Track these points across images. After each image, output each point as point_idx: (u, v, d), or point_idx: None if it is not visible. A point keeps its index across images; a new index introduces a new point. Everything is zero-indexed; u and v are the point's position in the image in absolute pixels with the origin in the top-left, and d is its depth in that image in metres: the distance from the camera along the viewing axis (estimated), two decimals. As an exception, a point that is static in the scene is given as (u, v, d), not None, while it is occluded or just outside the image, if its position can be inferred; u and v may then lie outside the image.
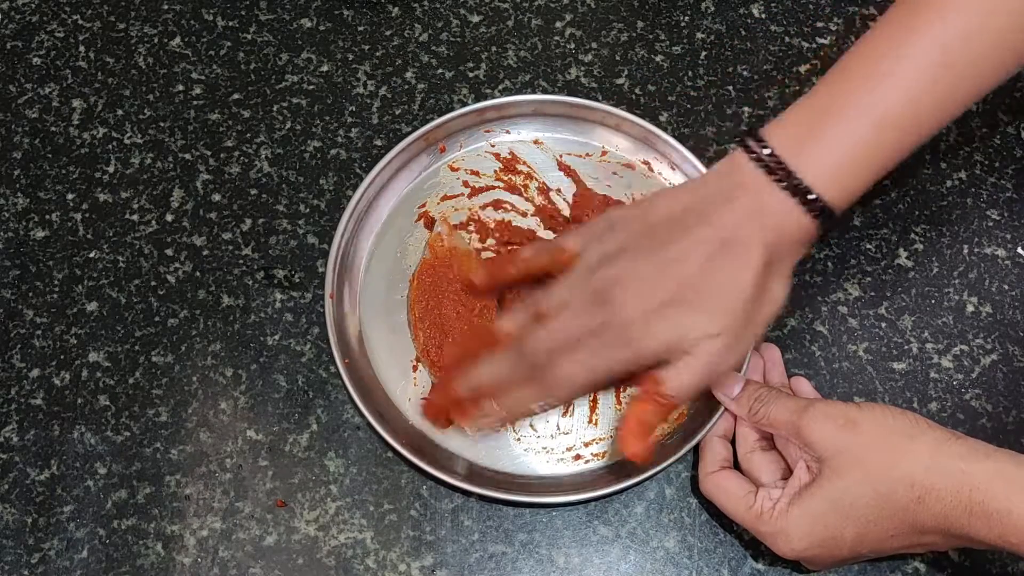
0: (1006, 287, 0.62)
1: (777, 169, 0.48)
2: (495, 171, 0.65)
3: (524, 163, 0.65)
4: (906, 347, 0.60)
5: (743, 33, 0.70)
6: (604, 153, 0.65)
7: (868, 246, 0.63)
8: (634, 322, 0.49)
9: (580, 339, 0.50)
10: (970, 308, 0.61)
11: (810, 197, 0.48)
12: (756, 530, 0.50)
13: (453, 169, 0.65)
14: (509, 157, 0.65)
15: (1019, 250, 0.63)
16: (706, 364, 0.49)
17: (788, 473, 0.51)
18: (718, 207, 0.50)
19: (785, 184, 0.48)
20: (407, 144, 0.62)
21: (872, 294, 0.62)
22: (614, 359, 0.50)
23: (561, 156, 0.65)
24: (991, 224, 0.64)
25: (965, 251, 0.63)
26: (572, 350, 0.50)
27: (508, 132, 0.65)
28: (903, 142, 0.49)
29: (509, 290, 0.59)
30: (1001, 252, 0.63)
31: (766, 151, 0.49)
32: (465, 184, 0.64)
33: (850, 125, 0.48)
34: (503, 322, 0.54)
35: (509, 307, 0.58)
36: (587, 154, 0.65)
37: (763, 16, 0.71)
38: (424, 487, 0.57)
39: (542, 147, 0.65)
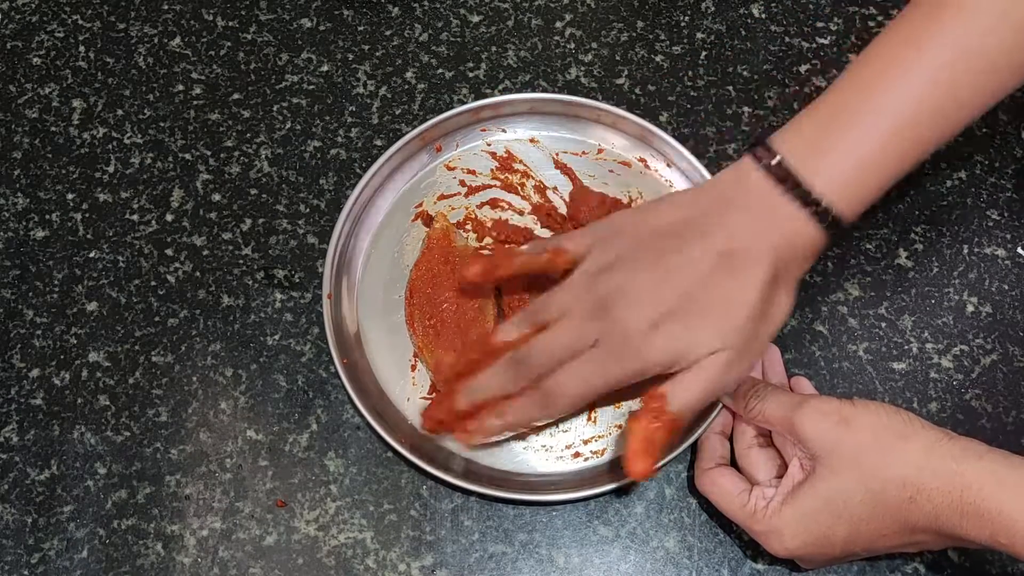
0: (1006, 287, 0.62)
1: (786, 178, 0.48)
2: (491, 170, 0.65)
3: (520, 162, 0.65)
4: (906, 347, 0.60)
5: (743, 33, 0.70)
6: (600, 151, 0.65)
7: (868, 246, 0.63)
8: (635, 335, 0.48)
9: (581, 351, 0.49)
10: (970, 308, 0.61)
11: (820, 207, 0.47)
12: (750, 528, 0.50)
13: (450, 168, 0.65)
14: (505, 156, 0.65)
15: (1019, 250, 0.63)
16: (710, 380, 0.49)
17: (784, 470, 0.51)
18: (724, 216, 0.49)
19: (794, 194, 0.48)
20: (404, 143, 0.62)
21: (872, 294, 0.62)
22: (615, 372, 0.49)
23: (557, 154, 0.65)
24: (991, 224, 0.64)
25: (965, 251, 0.63)
26: (573, 362, 0.50)
27: (504, 131, 0.65)
28: (916, 149, 0.49)
29: (508, 293, 0.59)
30: (1001, 252, 0.63)
31: (775, 160, 0.48)
32: (462, 183, 0.64)
33: (862, 133, 0.48)
34: (503, 332, 0.53)
35: (508, 313, 0.58)
36: (583, 152, 0.65)
37: (763, 16, 0.71)
38: (424, 487, 0.57)
39: (538, 145, 0.65)
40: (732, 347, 0.48)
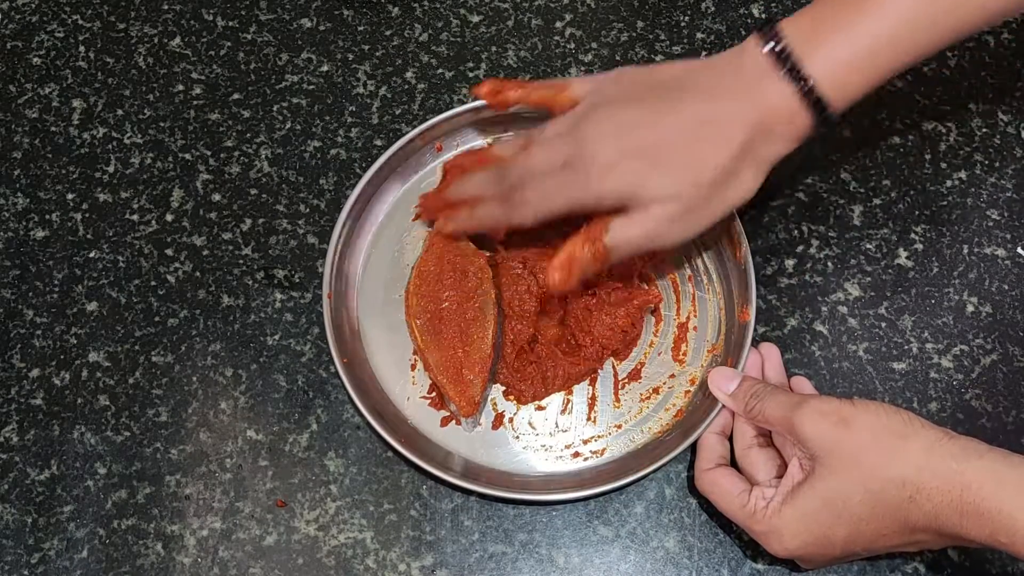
0: (1006, 287, 0.62)
1: (784, 57, 0.49)
2: (493, 170, 0.65)
3: None
4: (906, 347, 0.60)
5: (743, 33, 0.70)
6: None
7: (868, 246, 0.63)
8: (599, 163, 0.51)
9: (550, 169, 0.52)
10: (970, 308, 0.61)
11: (809, 87, 0.49)
12: (749, 528, 0.50)
13: (449, 168, 0.65)
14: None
15: (1019, 250, 0.63)
16: (652, 226, 0.51)
17: (784, 471, 0.51)
18: (717, 81, 0.51)
19: (789, 73, 0.49)
20: (404, 143, 0.62)
21: (872, 294, 0.62)
22: (572, 194, 0.52)
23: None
24: (991, 224, 0.64)
25: (965, 251, 0.63)
26: (540, 178, 0.53)
27: (506, 130, 0.65)
28: (915, 47, 0.50)
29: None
30: (1001, 252, 0.63)
31: (777, 38, 0.50)
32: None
33: (865, 24, 0.49)
34: (500, 147, 0.58)
35: (509, 312, 0.58)
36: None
37: (763, 16, 0.71)
38: (424, 487, 0.57)
39: (540, 146, 0.65)
40: (684, 201, 0.50)
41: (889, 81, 0.51)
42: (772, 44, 0.50)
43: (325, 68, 0.69)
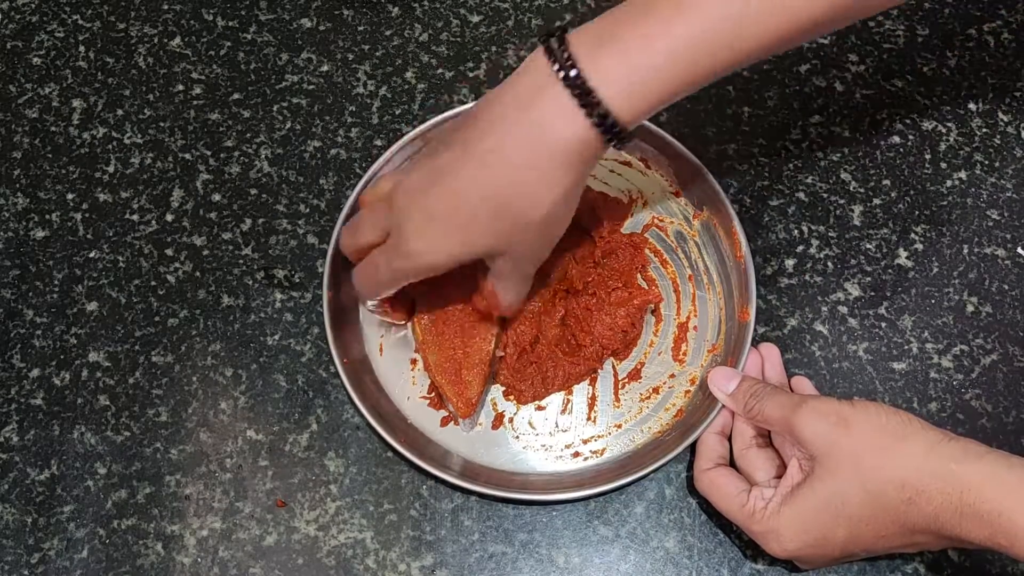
0: (1006, 287, 0.62)
1: (569, 71, 0.46)
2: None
3: None
4: (906, 347, 0.60)
5: (743, 33, 0.70)
6: (601, 151, 0.65)
7: (868, 246, 0.63)
8: (411, 236, 0.50)
9: (378, 243, 0.52)
10: (970, 308, 0.61)
11: (596, 106, 0.45)
12: (748, 529, 0.50)
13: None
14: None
15: (1019, 250, 0.63)
16: (512, 280, 0.53)
17: (783, 471, 0.51)
18: (499, 112, 0.48)
19: (574, 89, 0.45)
20: (404, 143, 0.62)
21: (872, 294, 0.62)
22: (401, 269, 0.51)
23: (558, 155, 0.65)
24: (991, 224, 0.64)
25: (965, 251, 0.63)
26: (371, 256, 0.52)
27: None
28: (702, 68, 0.46)
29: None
30: (1001, 252, 0.63)
31: (565, 54, 0.46)
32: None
33: (655, 40, 0.45)
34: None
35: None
36: (585, 153, 0.65)
37: (763, 16, 0.71)
38: (424, 487, 0.57)
39: (541, 147, 0.65)
40: (506, 252, 0.50)
41: (684, 96, 0.47)
42: (557, 58, 0.46)
43: (325, 68, 0.69)
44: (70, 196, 0.65)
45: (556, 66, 0.46)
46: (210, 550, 0.55)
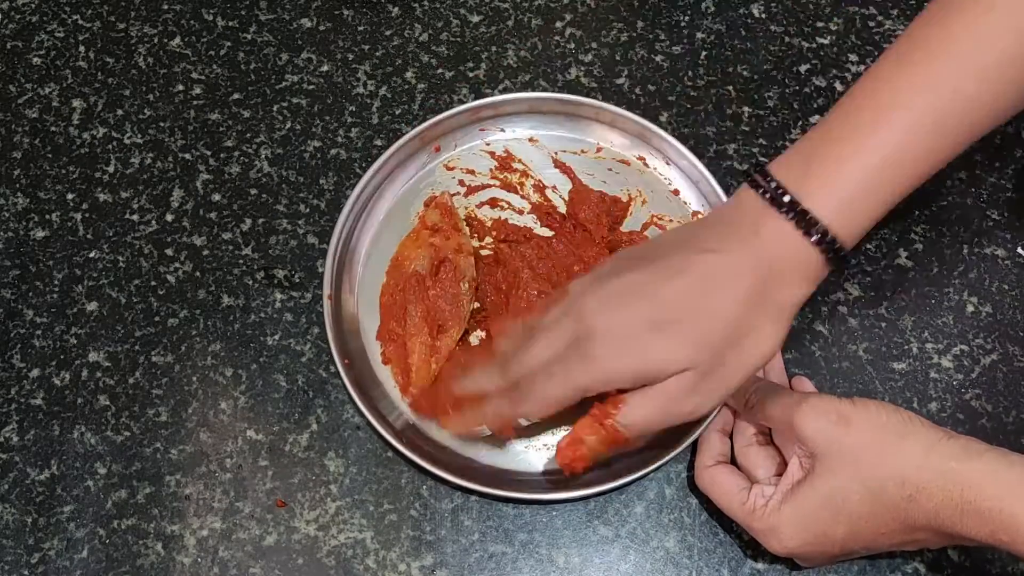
0: (1006, 287, 0.62)
1: (781, 197, 0.46)
2: (491, 169, 0.65)
3: (520, 161, 0.65)
4: (906, 347, 0.60)
5: (743, 33, 0.70)
6: (599, 149, 0.65)
7: (868, 246, 0.63)
8: (601, 342, 0.47)
9: (553, 356, 0.49)
10: (970, 308, 0.61)
11: (814, 226, 0.46)
12: (749, 526, 0.50)
13: (449, 168, 0.65)
14: (504, 155, 0.65)
15: (1019, 250, 0.63)
16: (664, 401, 0.47)
17: (784, 469, 0.51)
18: (715, 234, 0.48)
19: (789, 213, 0.46)
20: (403, 143, 0.62)
21: (872, 294, 0.62)
22: (580, 378, 0.48)
23: (556, 153, 0.65)
24: (991, 224, 0.64)
25: (965, 251, 0.63)
26: (543, 366, 0.49)
27: (503, 130, 0.65)
28: (915, 173, 0.47)
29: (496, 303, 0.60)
30: (1001, 252, 0.63)
31: (772, 183, 0.47)
32: (461, 183, 0.64)
33: (859, 155, 0.46)
34: (500, 342, 0.54)
35: (515, 288, 0.60)
36: (582, 151, 0.65)
37: (763, 16, 0.71)
38: (424, 487, 0.57)
39: (537, 145, 0.65)
40: (697, 367, 0.47)
41: (899, 204, 0.48)
42: (765, 188, 0.47)
43: (325, 68, 0.69)
44: (70, 196, 0.65)
45: (767, 196, 0.46)
46: (210, 550, 0.55)
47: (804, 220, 0.46)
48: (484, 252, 0.62)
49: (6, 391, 0.59)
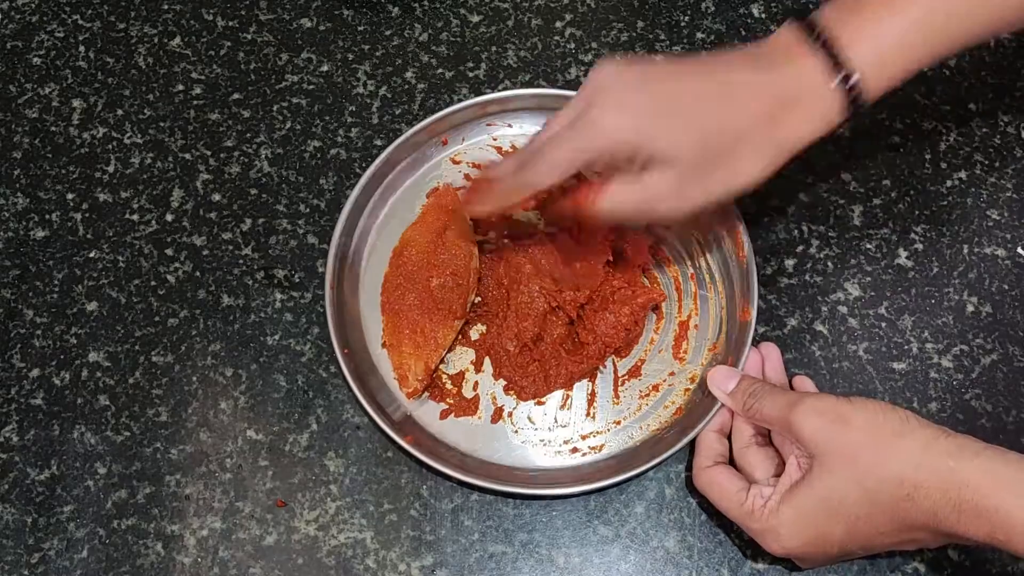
0: (1006, 287, 0.62)
1: (819, 35, 0.48)
2: (497, 164, 0.65)
3: None
4: (906, 347, 0.60)
5: (743, 33, 0.70)
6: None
7: (868, 246, 0.63)
8: (604, 108, 0.48)
9: (561, 128, 0.50)
10: (970, 308, 0.61)
11: (846, 69, 0.48)
12: (747, 527, 0.50)
13: (455, 162, 0.65)
14: (511, 151, 0.65)
15: (1019, 250, 0.63)
16: (642, 196, 0.49)
17: (782, 469, 0.51)
18: (745, 56, 0.50)
19: (823, 48, 0.48)
20: (409, 136, 0.62)
21: (872, 294, 0.62)
22: (580, 141, 0.49)
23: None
24: (991, 224, 0.64)
25: (965, 251, 0.63)
26: (552, 138, 0.51)
27: (510, 126, 0.65)
28: (948, 38, 0.49)
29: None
30: (1001, 252, 0.63)
31: (815, 21, 0.49)
32: (467, 177, 0.64)
33: (903, 9, 0.48)
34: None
35: (512, 271, 0.60)
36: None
37: (763, 16, 0.71)
38: (424, 487, 0.57)
39: (543, 142, 0.65)
40: (682, 165, 0.48)
41: (924, 70, 0.50)
42: (807, 23, 0.49)
43: (325, 68, 0.69)
44: (70, 196, 0.65)
45: (805, 31, 0.49)
46: (210, 550, 0.55)
47: (838, 62, 0.48)
48: (487, 246, 0.62)
49: (6, 391, 0.59)
